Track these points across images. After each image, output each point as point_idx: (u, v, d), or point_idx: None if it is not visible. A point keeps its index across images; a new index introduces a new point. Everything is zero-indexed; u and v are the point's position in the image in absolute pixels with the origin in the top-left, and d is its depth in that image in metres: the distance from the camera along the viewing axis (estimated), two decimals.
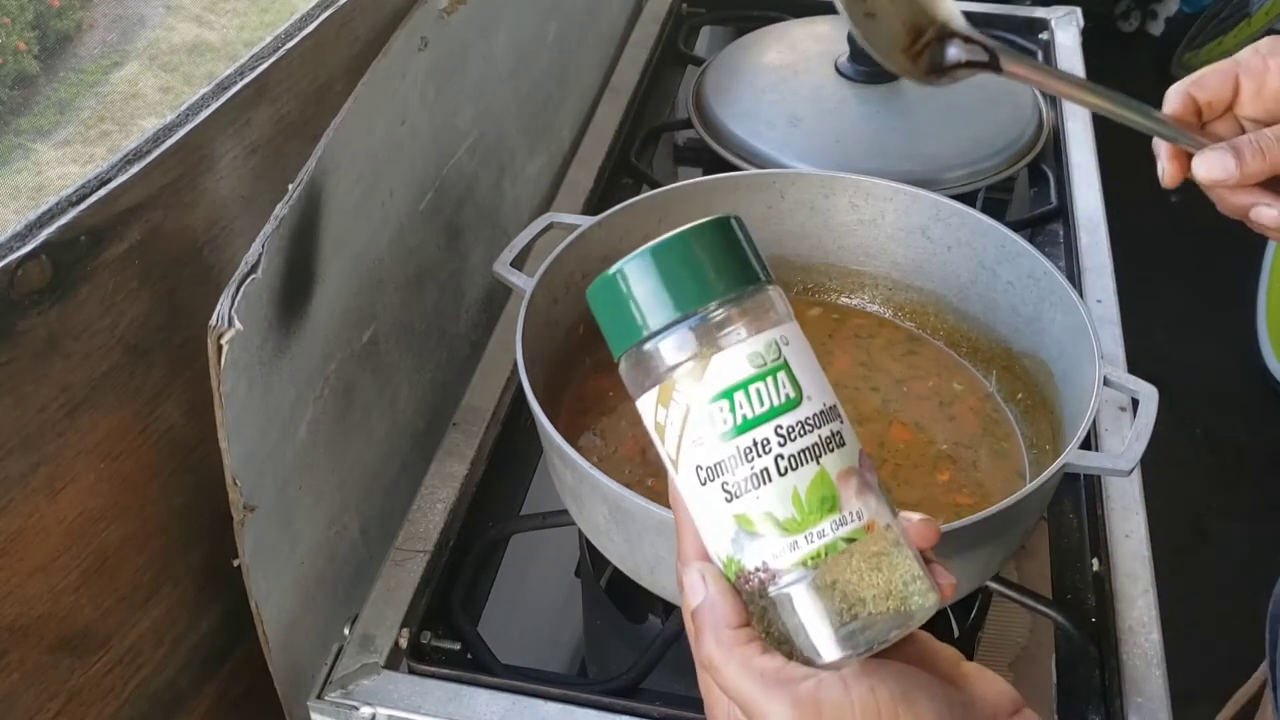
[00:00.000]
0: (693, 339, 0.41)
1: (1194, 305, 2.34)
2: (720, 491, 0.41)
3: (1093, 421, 0.70)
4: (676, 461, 0.42)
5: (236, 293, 0.57)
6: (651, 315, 0.42)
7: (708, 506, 0.42)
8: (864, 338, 0.90)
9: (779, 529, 0.41)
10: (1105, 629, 0.76)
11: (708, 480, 0.42)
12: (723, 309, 0.41)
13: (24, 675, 0.57)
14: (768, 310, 0.42)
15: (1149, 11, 3.21)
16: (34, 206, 0.55)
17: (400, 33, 0.75)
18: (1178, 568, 0.91)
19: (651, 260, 0.42)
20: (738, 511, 0.41)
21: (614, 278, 0.42)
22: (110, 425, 0.60)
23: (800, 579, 0.41)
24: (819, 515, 0.41)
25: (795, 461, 0.41)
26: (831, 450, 0.42)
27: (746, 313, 0.42)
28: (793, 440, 0.41)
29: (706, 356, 0.41)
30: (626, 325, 0.42)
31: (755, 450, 0.41)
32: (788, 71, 1.14)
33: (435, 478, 0.86)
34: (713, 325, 0.41)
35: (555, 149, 1.14)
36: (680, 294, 0.41)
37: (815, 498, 0.41)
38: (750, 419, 0.41)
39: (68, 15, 4.25)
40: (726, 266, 0.42)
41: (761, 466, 0.41)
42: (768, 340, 0.42)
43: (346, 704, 0.72)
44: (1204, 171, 0.61)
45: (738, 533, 0.41)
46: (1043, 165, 1.15)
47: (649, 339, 0.42)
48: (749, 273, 0.42)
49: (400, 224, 0.79)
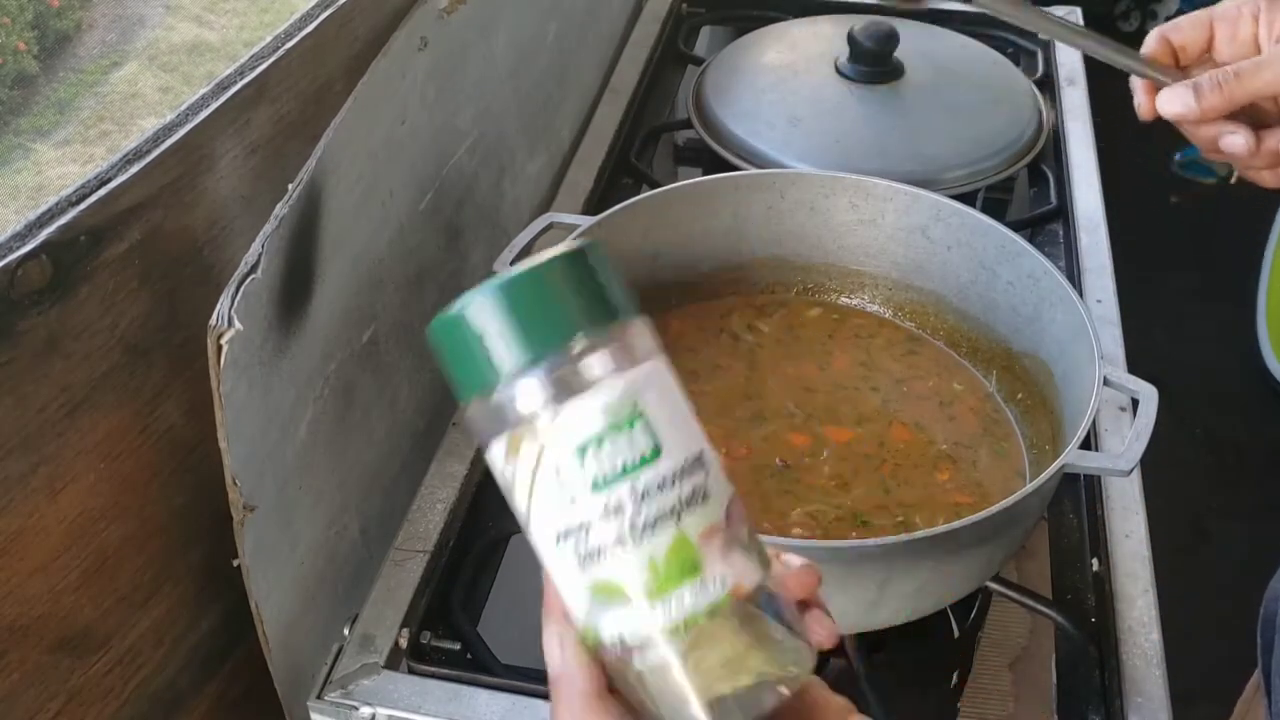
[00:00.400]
0: (542, 387, 0.37)
1: (1194, 305, 2.34)
2: (573, 555, 0.37)
3: (1092, 421, 0.70)
4: (528, 518, 0.38)
5: (236, 292, 0.57)
6: (497, 359, 0.37)
7: (562, 570, 0.38)
8: (864, 338, 0.90)
9: (635, 599, 0.37)
10: (1105, 629, 0.76)
11: (560, 540, 0.38)
12: (576, 352, 0.37)
13: (24, 675, 0.57)
14: (626, 351, 0.38)
15: (1149, 11, 3.21)
16: (34, 206, 0.55)
17: (400, 33, 0.75)
18: (1178, 568, 0.91)
19: (497, 298, 0.37)
20: (591, 579, 0.37)
21: (457, 316, 0.37)
22: (110, 425, 0.60)
23: (662, 652, 0.37)
24: (678, 582, 0.37)
25: (652, 525, 0.37)
26: (693, 508, 0.37)
27: (603, 356, 0.37)
28: (649, 500, 0.37)
29: (556, 406, 0.37)
30: (470, 369, 0.38)
31: (608, 513, 0.37)
32: (788, 71, 1.14)
33: (435, 478, 0.86)
34: (565, 371, 0.37)
35: (555, 149, 1.14)
36: (528, 336, 0.37)
37: (674, 564, 0.37)
38: (603, 478, 0.37)
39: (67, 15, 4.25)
40: (580, 304, 0.38)
41: (615, 531, 0.37)
42: (623, 388, 0.37)
43: (346, 704, 0.72)
44: (1166, 106, 0.64)
45: (592, 601, 0.38)
46: (1042, 165, 1.15)
47: (495, 386, 0.37)
48: (605, 310, 0.38)
49: (400, 224, 0.79)
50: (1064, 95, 1.27)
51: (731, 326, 0.90)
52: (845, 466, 0.78)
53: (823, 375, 0.86)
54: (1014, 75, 1.21)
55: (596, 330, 0.38)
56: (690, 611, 0.37)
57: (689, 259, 0.90)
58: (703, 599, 0.37)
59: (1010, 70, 1.22)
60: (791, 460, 0.79)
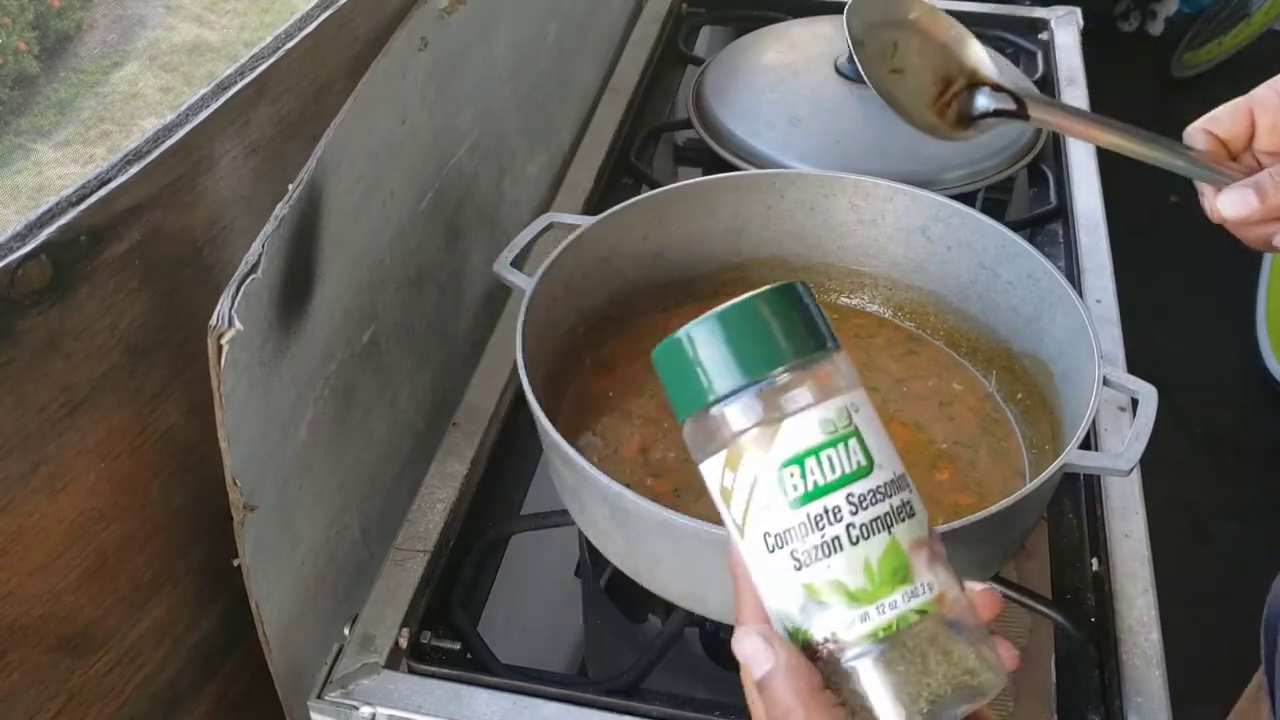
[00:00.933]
0: (763, 405, 0.40)
1: (1194, 305, 2.34)
2: (789, 560, 0.40)
3: (1092, 421, 0.70)
4: (743, 527, 0.41)
5: (236, 293, 0.57)
6: (719, 380, 0.41)
7: (775, 574, 0.41)
8: (864, 338, 0.90)
9: (849, 599, 0.40)
10: (1105, 629, 0.76)
11: (776, 547, 0.40)
12: (791, 374, 0.41)
13: (24, 675, 0.57)
14: (836, 376, 0.41)
15: (1149, 11, 3.21)
16: (34, 206, 0.55)
17: (400, 33, 0.75)
18: (1177, 568, 0.91)
19: (719, 324, 0.41)
20: (806, 580, 0.40)
21: (680, 341, 0.41)
22: (110, 425, 0.60)
23: (870, 651, 0.40)
24: (891, 586, 0.40)
25: (867, 530, 0.40)
26: (903, 520, 0.41)
27: (815, 378, 0.41)
28: (864, 509, 0.40)
29: (776, 422, 0.40)
30: (692, 389, 0.41)
31: (826, 518, 0.40)
32: (788, 71, 1.14)
33: (435, 478, 0.86)
34: (781, 391, 0.41)
35: (555, 149, 1.14)
36: (749, 359, 0.41)
37: (887, 568, 0.40)
38: (821, 486, 0.40)
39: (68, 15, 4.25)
40: (794, 332, 0.41)
41: (832, 535, 0.40)
42: (839, 406, 0.41)
43: (346, 704, 0.72)
44: (1229, 210, 0.62)
45: (806, 602, 0.40)
46: (1042, 165, 1.15)
47: (715, 403, 0.41)
48: (817, 338, 0.42)
49: (400, 224, 0.79)
50: (1064, 95, 1.27)
51: None
52: None
53: None
54: (1014, 75, 1.21)
55: (809, 356, 0.41)
56: (901, 613, 0.40)
57: (689, 259, 0.90)
58: (913, 602, 0.40)
59: (1010, 70, 1.22)
60: None
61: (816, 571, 0.40)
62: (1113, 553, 0.81)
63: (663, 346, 0.42)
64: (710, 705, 0.73)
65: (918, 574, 0.40)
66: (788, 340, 0.41)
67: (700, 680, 0.83)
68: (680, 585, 0.70)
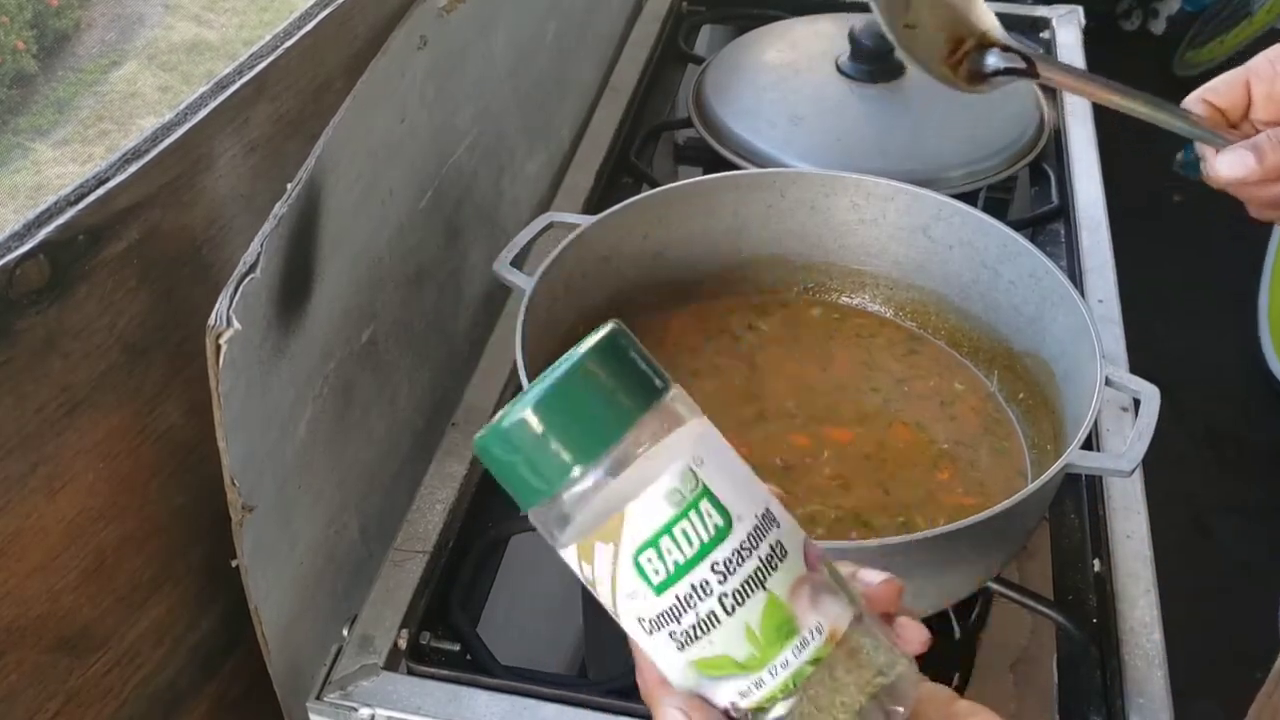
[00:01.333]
0: (600, 492, 0.37)
1: (1195, 304, 2.34)
2: (669, 641, 0.38)
3: (1094, 421, 0.70)
4: (616, 613, 0.39)
5: (235, 292, 0.57)
6: (549, 474, 0.37)
7: (660, 654, 0.39)
8: (865, 337, 0.89)
9: (740, 669, 0.38)
10: (1107, 629, 0.76)
11: (653, 630, 0.38)
12: (623, 447, 0.37)
13: (23, 675, 0.57)
14: (673, 425, 0.38)
15: (1150, 10, 3.21)
16: (32, 206, 0.55)
17: (399, 31, 0.74)
18: (1179, 568, 0.91)
19: (537, 413, 0.36)
20: (692, 659, 0.38)
21: (499, 433, 0.37)
22: (109, 425, 0.60)
23: (776, 709, 0.38)
24: (779, 644, 0.38)
25: (740, 596, 0.37)
26: (775, 568, 0.38)
27: (651, 440, 0.37)
28: (732, 573, 0.37)
29: (618, 508, 0.37)
30: (524, 485, 0.38)
31: (695, 595, 0.37)
32: (788, 70, 1.14)
33: (435, 478, 0.86)
34: (617, 467, 0.37)
35: (555, 148, 1.14)
36: (575, 445, 0.37)
37: (770, 628, 0.38)
38: (682, 564, 0.37)
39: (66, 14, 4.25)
40: (620, 396, 0.37)
41: (706, 611, 0.37)
42: (681, 470, 0.37)
43: (345, 705, 0.72)
44: (1227, 170, 0.62)
45: (699, 678, 0.38)
46: (1044, 164, 1.14)
47: (549, 498, 0.38)
48: (645, 393, 0.38)
49: (400, 223, 0.79)
50: (1065, 94, 1.26)
51: (731, 326, 0.90)
52: (846, 467, 0.78)
53: (823, 375, 0.86)
54: None
55: (640, 415, 0.37)
56: (796, 669, 0.38)
57: (689, 259, 0.90)
58: (805, 654, 0.38)
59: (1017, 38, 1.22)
60: (792, 460, 0.78)
61: (700, 649, 0.38)
62: (1114, 553, 0.80)
63: (483, 440, 0.38)
64: None
65: (803, 621, 0.38)
66: (613, 411, 0.37)
67: None
68: None
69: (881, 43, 1.11)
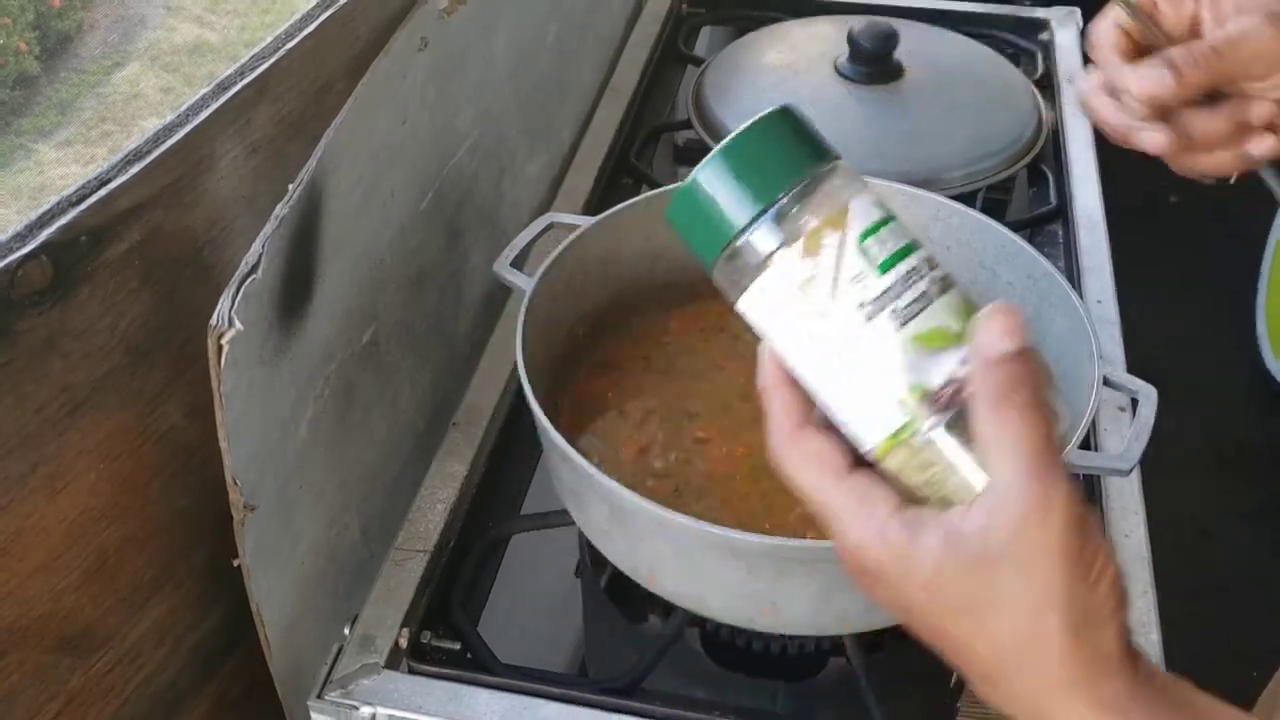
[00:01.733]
0: (821, 187, 0.44)
1: (1193, 305, 2.34)
2: (891, 320, 0.43)
3: (1092, 421, 0.70)
4: (829, 311, 0.43)
5: (237, 293, 0.57)
6: (776, 178, 0.44)
7: (878, 341, 0.43)
8: None
9: (955, 340, 0.43)
10: None
11: (874, 314, 0.43)
12: (827, 171, 0.44)
13: (24, 675, 0.57)
14: (853, 176, 0.45)
15: None
16: (35, 206, 0.55)
17: (400, 33, 0.75)
18: (1178, 568, 0.91)
19: (754, 136, 0.44)
20: (914, 333, 0.43)
21: (719, 161, 0.44)
22: (111, 425, 0.60)
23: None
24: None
25: (943, 285, 0.44)
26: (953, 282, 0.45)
27: (844, 175, 0.45)
28: (934, 268, 0.44)
29: (843, 204, 0.44)
30: (740, 202, 0.44)
31: (913, 275, 0.43)
32: (788, 72, 1.15)
33: (435, 477, 0.86)
34: (826, 180, 0.44)
35: (555, 149, 1.14)
36: (790, 160, 0.44)
37: (966, 313, 0.44)
38: (898, 250, 0.44)
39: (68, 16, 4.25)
40: (812, 136, 0.45)
41: (921, 289, 0.43)
42: (872, 196, 0.45)
43: (347, 704, 0.72)
44: (1143, 86, 0.61)
45: (917, 355, 0.43)
46: (1042, 165, 1.15)
47: (782, 198, 0.44)
48: (825, 147, 0.45)
49: (401, 224, 0.79)
50: (1064, 95, 1.27)
51: (731, 326, 0.90)
52: None
53: None
54: (1014, 75, 1.21)
55: (833, 157, 0.45)
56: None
57: (689, 259, 0.89)
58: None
59: (1010, 70, 1.22)
60: None
61: (921, 322, 0.43)
62: None
63: (687, 189, 0.45)
64: (710, 705, 0.73)
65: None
66: (810, 145, 0.45)
67: (700, 680, 0.83)
68: (680, 585, 0.70)
69: (880, 44, 1.11)
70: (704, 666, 0.83)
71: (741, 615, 0.69)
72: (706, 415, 0.81)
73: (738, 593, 0.67)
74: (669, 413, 0.81)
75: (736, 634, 0.80)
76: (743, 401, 0.83)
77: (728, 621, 0.73)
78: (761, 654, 0.80)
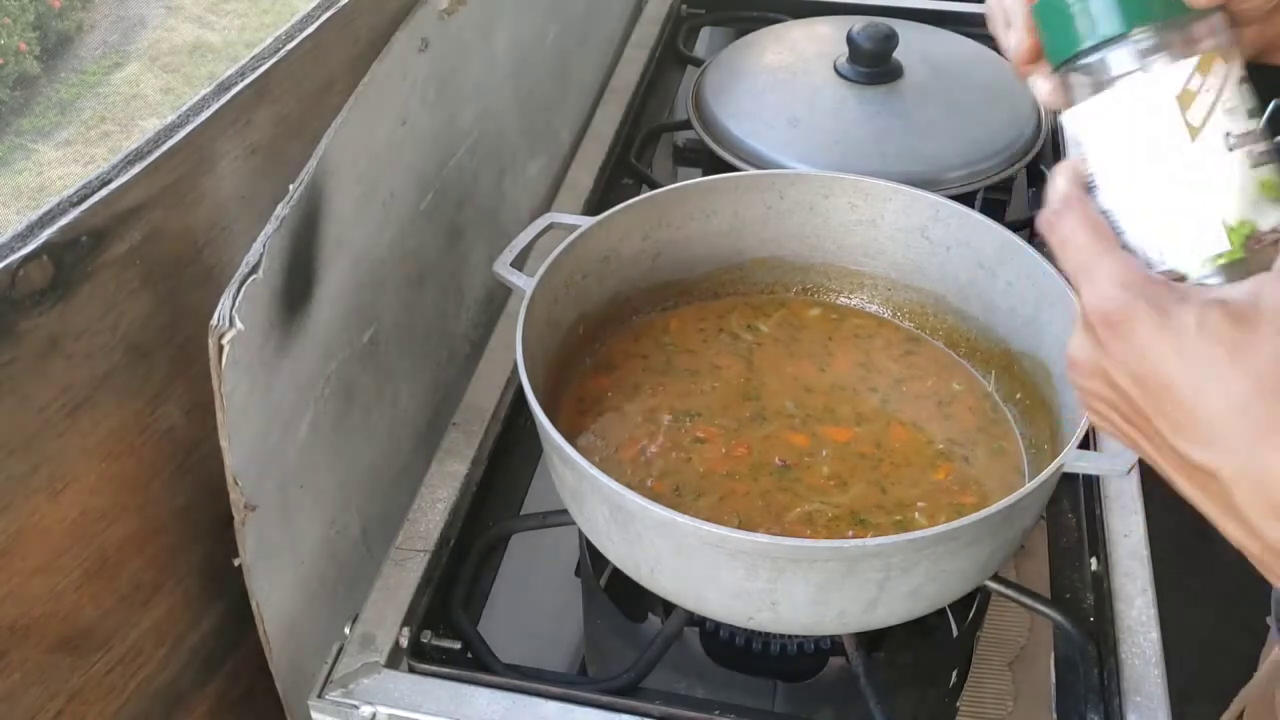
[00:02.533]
0: (1221, 26, 0.46)
1: None
2: (1246, 158, 0.45)
3: None
4: (1200, 129, 0.46)
5: (237, 293, 0.57)
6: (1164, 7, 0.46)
7: (1230, 170, 0.45)
8: (863, 338, 0.90)
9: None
10: (1104, 628, 0.76)
11: (1235, 147, 0.46)
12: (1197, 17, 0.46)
13: (25, 675, 0.57)
14: (1223, 28, 0.47)
15: None
16: (35, 207, 0.56)
17: (401, 33, 0.75)
18: (1176, 567, 0.92)
19: None
20: (1263, 178, 0.46)
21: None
22: (111, 425, 0.60)
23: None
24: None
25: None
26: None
27: (1215, 25, 0.47)
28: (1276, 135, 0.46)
29: (1228, 43, 0.46)
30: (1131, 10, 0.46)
31: (1266, 132, 0.46)
32: (787, 72, 1.15)
33: (435, 477, 0.86)
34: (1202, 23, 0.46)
35: (555, 149, 1.14)
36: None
37: None
38: (1258, 105, 0.46)
39: (68, 16, 4.25)
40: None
41: (1275, 145, 0.46)
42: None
43: (347, 703, 0.72)
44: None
45: (1259, 197, 0.45)
46: (1041, 166, 1.15)
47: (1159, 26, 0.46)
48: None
49: (401, 224, 0.80)
50: None
51: (731, 326, 0.90)
52: (844, 466, 0.79)
53: (822, 375, 0.86)
54: (1013, 75, 1.21)
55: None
56: None
57: (689, 259, 0.90)
58: None
59: (1009, 70, 1.22)
60: (791, 460, 0.79)
61: (1269, 171, 0.46)
62: (1112, 552, 0.81)
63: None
64: (710, 705, 0.73)
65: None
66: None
67: (700, 680, 0.83)
68: (680, 585, 0.70)
69: (879, 45, 1.11)
70: (703, 666, 0.83)
71: (741, 614, 0.69)
72: (706, 415, 0.82)
73: (737, 592, 0.67)
74: (669, 412, 0.81)
75: (736, 633, 0.80)
76: (742, 401, 0.84)
77: (727, 621, 0.73)
78: (761, 653, 0.80)
